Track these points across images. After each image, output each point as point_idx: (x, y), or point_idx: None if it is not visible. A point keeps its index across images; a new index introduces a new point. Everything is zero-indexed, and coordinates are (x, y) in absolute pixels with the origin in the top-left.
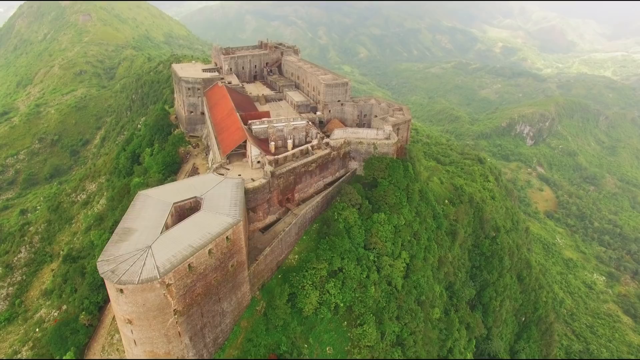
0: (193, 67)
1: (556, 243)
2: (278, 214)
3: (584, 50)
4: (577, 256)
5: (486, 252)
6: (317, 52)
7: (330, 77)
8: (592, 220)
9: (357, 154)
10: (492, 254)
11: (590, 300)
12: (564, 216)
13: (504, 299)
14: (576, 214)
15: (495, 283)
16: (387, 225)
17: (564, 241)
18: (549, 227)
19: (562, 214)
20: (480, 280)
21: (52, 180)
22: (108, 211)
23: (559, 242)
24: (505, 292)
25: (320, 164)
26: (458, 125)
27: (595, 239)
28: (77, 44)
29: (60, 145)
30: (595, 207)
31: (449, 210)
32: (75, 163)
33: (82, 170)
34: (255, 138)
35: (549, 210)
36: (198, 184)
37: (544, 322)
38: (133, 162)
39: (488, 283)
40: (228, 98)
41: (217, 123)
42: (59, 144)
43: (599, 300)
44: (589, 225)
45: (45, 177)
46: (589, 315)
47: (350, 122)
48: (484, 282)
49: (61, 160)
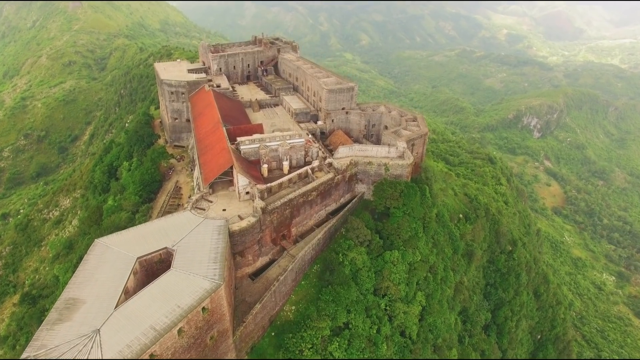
0: (178, 67)
1: (564, 241)
2: (271, 255)
3: (590, 37)
4: (586, 255)
5: (502, 269)
6: (318, 39)
7: (333, 80)
8: (601, 217)
9: (365, 175)
10: (508, 270)
11: (600, 302)
12: (572, 212)
13: (520, 318)
14: (585, 210)
15: (511, 302)
16: (401, 264)
17: (572, 239)
18: (557, 225)
19: (570, 210)
20: (495, 298)
21: (39, 180)
22: (79, 236)
23: (567, 240)
24: (521, 311)
25: (322, 192)
26: (463, 116)
27: (604, 236)
28: (66, 32)
29: (47, 142)
30: (604, 203)
31: (465, 229)
32: (63, 161)
33: (61, 176)
34: (244, 161)
35: (557, 207)
36: (171, 227)
37: (561, 341)
38: (110, 177)
39: (503, 302)
40: (214, 107)
41: (200, 139)
42: (46, 140)
43: (608, 302)
44: (598, 222)
45: (31, 176)
46: (598, 319)
47: (357, 133)
48: (499, 301)
49: (48, 158)
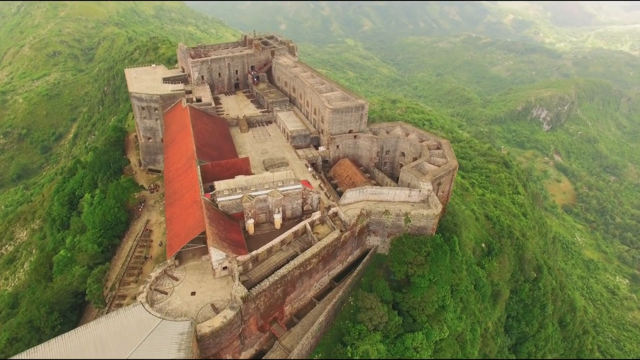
0: (152, 74)
1: (576, 242)
2: (258, 345)
3: (599, 22)
4: (598, 256)
5: (526, 299)
6: (319, 24)
7: (338, 95)
8: (614, 215)
9: (379, 227)
10: (532, 301)
11: (614, 308)
12: (583, 211)
13: (545, 353)
14: (596, 208)
15: (535, 336)
16: (426, 349)
17: (583, 239)
18: (568, 224)
19: (581, 208)
20: (518, 332)
21: (19, 182)
22: (26, 289)
23: (578, 240)
24: (547, 345)
25: (325, 256)
26: (469, 108)
27: (617, 236)
28: (51, 19)
29: (29, 141)
30: (616, 200)
31: (492, 267)
32: (46, 161)
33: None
34: (220, 220)
35: (567, 204)
36: (114, 336)
37: None
38: (72, 208)
39: (526, 336)
40: (190, 132)
41: (169, 179)
42: (27, 138)
43: (623, 308)
44: (610, 220)
45: (11, 179)
46: (613, 326)
47: (367, 161)
48: (521, 335)
49: (30, 159)
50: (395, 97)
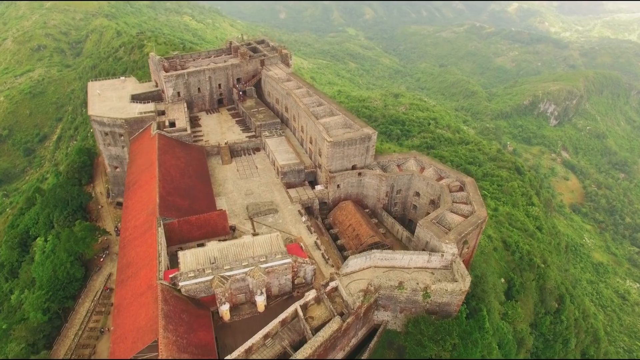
0: (120, 89)
1: (584, 243)
2: None
3: (606, 10)
4: (608, 259)
5: (547, 334)
6: (319, 12)
7: (339, 120)
8: (624, 215)
9: (390, 302)
10: (554, 335)
11: (625, 315)
12: (591, 210)
13: None
14: (605, 208)
15: None
16: None
17: (592, 241)
18: (576, 224)
19: (589, 208)
20: None
21: None
22: None
23: (587, 242)
24: None
25: (325, 348)
26: (474, 101)
27: (626, 237)
28: (36, 10)
29: (10, 142)
30: (626, 199)
31: (516, 315)
32: (29, 164)
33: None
34: (183, 311)
35: (575, 203)
36: None
37: None
38: (24, 251)
39: None
40: (154, 173)
41: (124, 242)
42: (9, 140)
43: (634, 314)
44: (620, 221)
45: None
46: (624, 335)
47: (374, 202)
48: None
49: (12, 162)
50: (398, 91)
